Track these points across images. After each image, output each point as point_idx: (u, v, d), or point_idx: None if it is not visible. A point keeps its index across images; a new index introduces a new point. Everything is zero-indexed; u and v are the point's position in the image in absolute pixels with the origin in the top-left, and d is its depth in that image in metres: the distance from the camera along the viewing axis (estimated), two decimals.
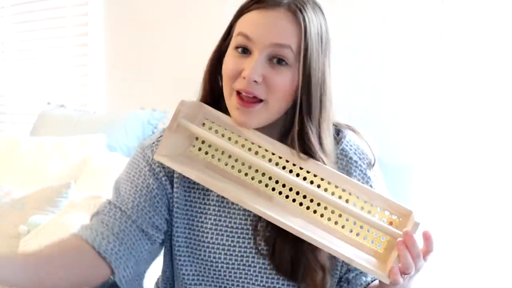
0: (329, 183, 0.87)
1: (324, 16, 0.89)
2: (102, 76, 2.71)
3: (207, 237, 0.92)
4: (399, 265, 0.78)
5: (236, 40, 0.87)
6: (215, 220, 0.92)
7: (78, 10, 2.78)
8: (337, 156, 0.94)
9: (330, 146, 0.90)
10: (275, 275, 0.91)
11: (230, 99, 0.88)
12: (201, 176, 0.85)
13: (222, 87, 0.90)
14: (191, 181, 0.92)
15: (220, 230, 0.92)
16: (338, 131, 0.96)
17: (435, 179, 1.77)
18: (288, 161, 0.88)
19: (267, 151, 0.89)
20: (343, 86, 0.96)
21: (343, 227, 0.86)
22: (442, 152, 1.78)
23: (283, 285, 0.91)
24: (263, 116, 0.87)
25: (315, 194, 0.84)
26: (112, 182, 0.97)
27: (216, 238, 0.92)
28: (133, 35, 2.59)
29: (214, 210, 0.92)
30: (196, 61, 1.01)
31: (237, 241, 0.91)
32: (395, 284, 0.78)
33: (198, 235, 0.92)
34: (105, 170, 2.00)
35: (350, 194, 0.86)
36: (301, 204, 0.87)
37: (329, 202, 0.83)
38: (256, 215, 0.87)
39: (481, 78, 1.72)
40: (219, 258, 0.91)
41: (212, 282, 0.93)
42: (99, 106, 2.71)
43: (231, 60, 0.87)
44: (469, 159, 1.73)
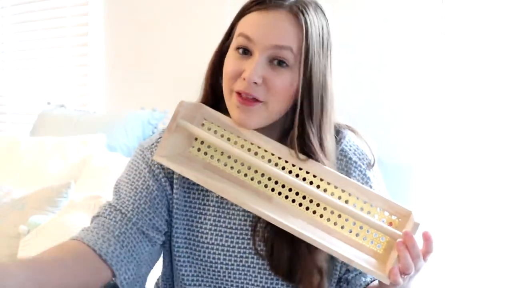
0: (329, 184, 0.87)
1: (326, 18, 0.89)
2: (102, 76, 2.71)
3: (207, 238, 0.92)
4: (399, 266, 0.77)
5: (237, 41, 0.87)
6: (215, 221, 0.92)
7: (78, 10, 2.78)
8: (337, 157, 0.93)
9: (331, 149, 0.90)
10: (274, 276, 0.91)
11: (230, 99, 0.88)
12: (200, 177, 0.85)
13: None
14: (191, 182, 0.92)
15: (220, 231, 0.92)
16: (338, 132, 0.96)
17: (435, 179, 1.77)
18: (288, 162, 0.88)
19: (267, 152, 0.88)
20: (343, 86, 0.96)
21: (343, 228, 0.86)
22: (442, 152, 1.78)
23: (282, 286, 0.91)
24: (263, 116, 0.87)
25: (315, 195, 0.83)
26: (112, 182, 0.97)
27: (216, 239, 0.91)
28: (133, 35, 2.59)
29: (214, 211, 0.92)
30: (196, 61, 1.00)
31: (236, 242, 0.91)
32: (395, 285, 0.78)
33: (198, 236, 0.92)
34: (105, 170, 2.00)
35: (350, 195, 0.86)
36: (301, 205, 0.87)
37: (329, 203, 0.83)
38: (256, 216, 0.87)
39: (481, 78, 1.72)
40: (218, 259, 0.91)
41: (212, 283, 0.93)
42: (99, 106, 2.71)
43: (232, 61, 0.87)
44: (469, 159, 1.73)
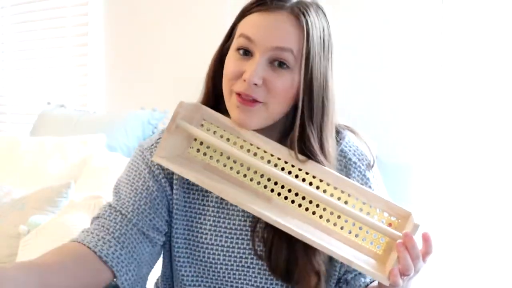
0: (328, 185, 0.86)
1: (327, 19, 0.89)
2: (102, 76, 2.71)
3: (206, 238, 0.92)
4: (399, 267, 0.77)
5: (238, 42, 0.86)
6: (214, 221, 0.92)
7: (78, 10, 2.78)
8: (336, 157, 0.93)
9: (332, 151, 0.90)
10: (273, 277, 0.90)
11: (230, 99, 0.88)
12: (200, 178, 0.85)
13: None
14: (191, 182, 0.92)
15: (219, 231, 0.92)
16: (337, 132, 0.96)
17: (435, 179, 1.77)
18: (287, 162, 0.88)
19: (266, 152, 0.88)
20: (343, 86, 0.95)
21: (342, 228, 0.86)
22: (442, 152, 1.78)
23: (282, 287, 0.91)
24: (263, 116, 0.87)
25: (314, 196, 0.83)
26: (112, 182, 0.97)
27: (215, 239, 0.92)
28: (133, 35, 2.59)
29: (213, 211, 0.92)
30: (196, 61, 1.00)
31: (236, 242, 0.91)
32: (395, 286, 0.78)
33: (197, 236, 0.92)
34: (105, 170, 2.00)
35: (349, 196, 0.86)
36: (300, 206, 0.87)
37: (328, 204, 0.83)
38: (255, 216, 0.87)
39: (481, 78, 1.72)
40: (218, 259, 0.91)
41: (211, 283, 0.93)
42: (99, 106, 2.71)
43: (232, 62, 0.87)
44: (469, 159, 1.73)
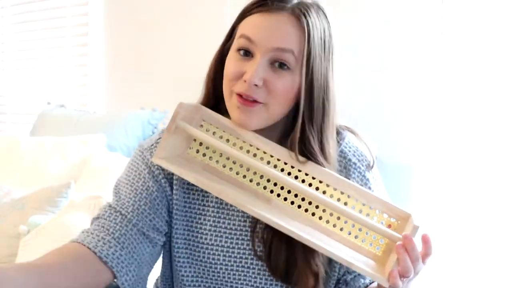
0: (328, 186, 0.86)
1: (328, 21, 0.89)
2: (102, 76, 2.71)
3: (206, 239, 0.92)
4: (399, 269, 0.77)
5: (238, 42, 0.86)
6: (214, 222, 0.92)
7: (78, 10, 2.77)
8: (336, 158, 0.93)
9: (333, 152, 0.90)
10: (272, 278, 0.90)
11: (231, 100, 0.87)
12: (199, 178, 0.85)
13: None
14: (190, 183, 0.92)
15: (219, 232, 0.92)
16: (337, 133, 0.96)
17: (435, 179, 1.77)
18: (287, 163, 0.87)
19: (265, 153, 0.88)
20: (343, 87, 0.95)
21: (342, 230, 0.86)
22: (442, 152, 1.77)
23: None
24: (263, 117, 0.87)
25: (313, 197, 0.83)
26: (112, 182, 0.97)
27: (215, 240, 0.91)
28: (133, 35, 2.59)
29: (213, 212, 0.92)
30: (196, 61, 1.00)
31: (236, 243, 0.91)
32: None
33: (197, 237, 0.92)
34: (105, 170, 2.00)
35: (349, 197, 0.86)
36: (300, 207, 0.87)
37: (327, 205, 0.82)
38: (255, 217, 0.87)
39: (481, 78, 1.72)
40: (218, 260, 0.91)
41: (211, 284, 0.93)
42: (99, 106, 2.71)
43: (233, 63, 0.87)
44: (469, 159, 1.73)
